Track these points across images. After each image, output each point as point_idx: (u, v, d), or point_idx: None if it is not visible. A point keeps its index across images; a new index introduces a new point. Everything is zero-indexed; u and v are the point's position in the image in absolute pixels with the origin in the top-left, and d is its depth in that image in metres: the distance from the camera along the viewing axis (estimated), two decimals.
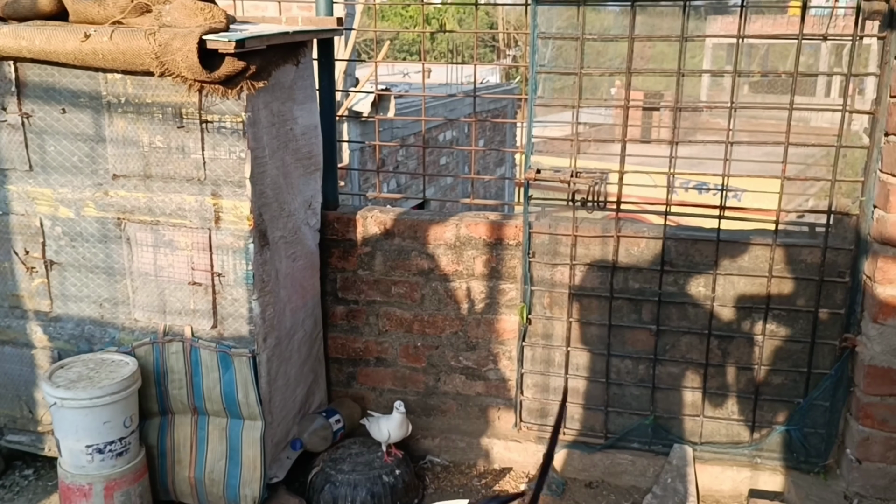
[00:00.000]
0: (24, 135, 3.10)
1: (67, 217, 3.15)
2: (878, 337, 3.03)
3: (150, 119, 2.94)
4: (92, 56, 2.83)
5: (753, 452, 3.44)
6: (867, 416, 3.12)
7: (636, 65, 3.28)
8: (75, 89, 2.99)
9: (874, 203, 3.02)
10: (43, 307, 3.29)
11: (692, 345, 3.42)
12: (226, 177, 2.94)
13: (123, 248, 3.13)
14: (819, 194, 3.52)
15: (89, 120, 3.01)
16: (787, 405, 3.38)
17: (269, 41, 2.88)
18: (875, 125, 3.02)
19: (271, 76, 3.00)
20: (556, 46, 4.43)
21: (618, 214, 3.40)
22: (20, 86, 3.05)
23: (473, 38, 4.07)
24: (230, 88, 2.83)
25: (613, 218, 3.40)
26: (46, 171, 3.12)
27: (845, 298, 3.20)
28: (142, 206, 3.06)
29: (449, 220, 3.60)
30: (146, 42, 2.74)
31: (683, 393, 3.49)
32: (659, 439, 3.54)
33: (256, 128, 2.94)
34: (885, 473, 3.15)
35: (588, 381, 3.59)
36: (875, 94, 3.03)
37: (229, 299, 3.06)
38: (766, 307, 3.29)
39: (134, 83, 2.92)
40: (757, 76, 11.09)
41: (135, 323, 3.19)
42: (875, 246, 3.01)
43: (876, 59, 3.08)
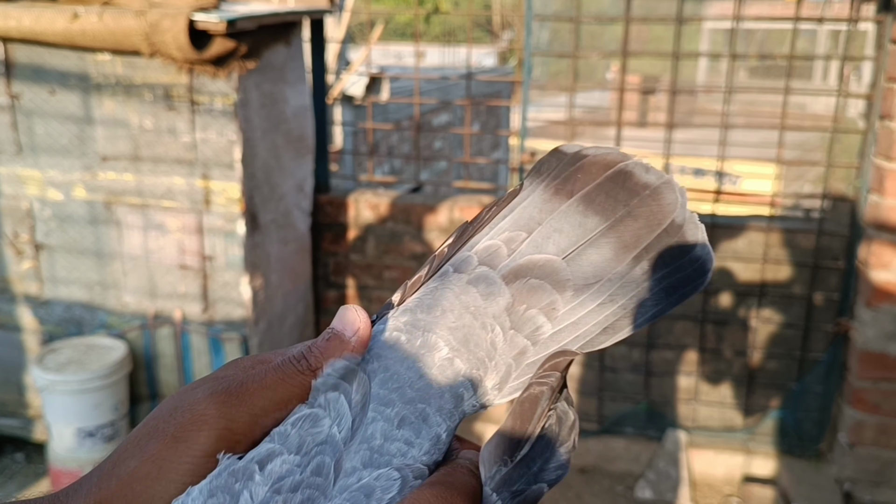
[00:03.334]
0: (12, 116, 3.07)
1: (56, 199, 3.12)
2: (871, 322, 3.02)
3: (139, 100, 2.91)
4: (81, 36, 2.79)
5: (747, 437, 3.44)
6: (860, 401, 3.12)
7: (632, 48, 3.26)
8: (64, 70, 2.95)
9: (869, 187, 3.00)
10: (32, 290, 3.27)
11: (686, 330, 3.41)
12: (216, 159, 2.91)
13: (113, 230, 3.10)
14: (816, 179, 3.50)
15: (78, 101, 2.98)
16: (781, 390, 3.38)
17: (259, 21, 2.85)
18: (871, 109, 3.00)
19: (262, 57, 2.96)
20: (552, 29, 4.39)
21: None
22: (9, 66, 3.01)
23: (468, 20, 4.03)
24: (220, 69, 2.80)
25: None
26: (35, 152, 3.09)
27: (839, 283, 3.19)
28: (131, 188, 3.03)
29: (442, 204, 3.58)
30: (135, 22, 2.71)
31: (677, 378, 3.49)
32: (653, 425, 3.54)
33: (247, 109, 2.91)
34: (877, 458, 3.15)
35: (582, 366, 3.58)
36: (871, 78, 3.01)
37: (220, 283, 3.04)
38: (761, 292, 3.28)
39: (123, 64, 2.89)
40: (754, 60, 11.07)
41: (125, 306, 3.17)
42: (870, 230, 2.99)
43: (872, 43, 3.06)
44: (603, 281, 0.47)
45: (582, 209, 0.48)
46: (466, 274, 0.48)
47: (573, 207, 0.48)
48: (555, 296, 0.47)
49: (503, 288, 0.47)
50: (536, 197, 0.49)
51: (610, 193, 0.48)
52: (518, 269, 0.47)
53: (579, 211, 0.48)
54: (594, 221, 0.48)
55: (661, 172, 0.49)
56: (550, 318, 0.47)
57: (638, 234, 0.47)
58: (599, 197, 0.48)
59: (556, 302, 0.47)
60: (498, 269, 0.48)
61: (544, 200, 0.49)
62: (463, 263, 0.49)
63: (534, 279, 0.47)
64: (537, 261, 0.47)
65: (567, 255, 0.47)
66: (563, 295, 0.47)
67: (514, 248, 0.48)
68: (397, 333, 0.47)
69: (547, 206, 0.49)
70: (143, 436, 0.45)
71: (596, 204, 0.48)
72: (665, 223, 0.47)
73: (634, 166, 0.48)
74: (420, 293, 0.49)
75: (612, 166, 0.49)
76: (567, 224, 0.48)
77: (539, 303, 0.47)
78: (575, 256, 0.47)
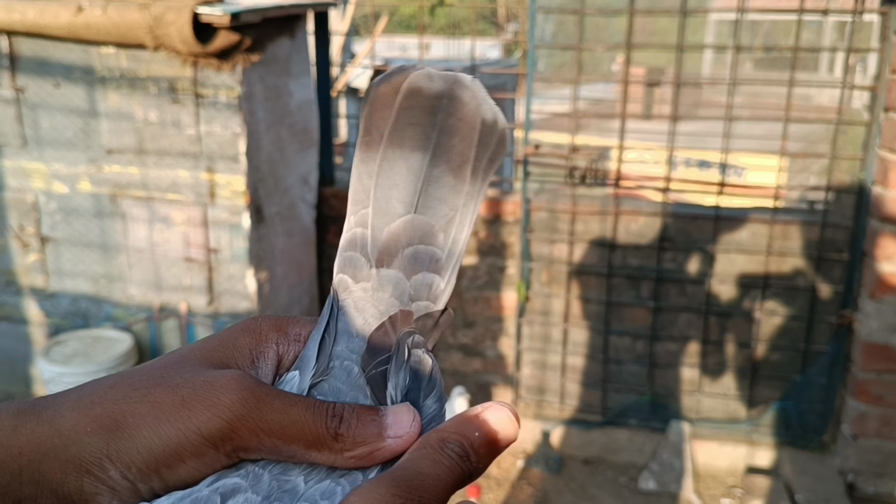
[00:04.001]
0: (17, 109, 3.08)
1: (62, 192, 3.14)
2: (875, 313, 3.02)
3: (144, 93, 2.92)
4: (85, 29, 2.80)
5: (750, 429, 3.44)
6: (863, 393, 3.12)
7: (637, 40, 3.25)
8: (69, 63, 2.96)
9: (873, 179, 3.00)
10: (38, 283, 3.28)
11: (690, 322, 3.42)
12: (221, 152, 2.92)
13: (118, 223, 3.11)
14: (820, 171, 3.51)
15: (83, 94, 2.99)
16: (784, 382, 3.38)
17: (263, 14, 2.85)
18: (875, 101, 3.00)
19: (266, 50, 2.97)
20: (557, 21, 4.39)
21: (617, 191, 3.38)
22: (13, 60, 3.02)
23: (472, 12, 4.03)
24: (225, 62, 2.80)
25: (613, 195, 3.38)
26: (40, 145, 3.10)
27: (843, 275, 3.19)
28: (136, 181, 3.04)
29: None
30: (139, 15, 2.71)
31: (681, 370, 3.49)
32: (656, 416, 3.54)
33: (251, 102, 2.92)
34: (880, 449, 3.16)
35: (586, 358, 3.58)
36: (876, 70, 3.00)
37: (225, 275, 3.05)
38: (764, 284, 3.28)
39: (128, 57, 2.90)
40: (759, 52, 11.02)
41: (130, 299, 3.19)
42: (874, 222, 2.99)
43: (877, 34, 3.05)
44: (459, 208, 0.47)
45: (399, 152, 0.47)
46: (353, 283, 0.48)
47: (390, 154, 0.47)
48: (430, 248, 0.47)
49: (384, 273, 0.47)
50: (357, 161, 0.48)
51: (413, 121, 0.47)
52: (385, 248, 0.47)
53: (398, 155, 0.47)
54: (417, 158, 0.47)
55: (444, 74, 0.47)
56: (437, 271, 0.47)
57: (462, 150, 0.47)
58: (406, 130, 0.47)
59: (434, 253, 0.47)
60: (369, 258, 0.47)
61: (362, 162, 0.48)
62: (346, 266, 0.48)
63: (407, 249, 0.46)
64: (396, 230, 0.47)
65: (416, 205, 0.47)
66: (436, 244, 0.47)
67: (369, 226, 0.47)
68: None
69: (367, 166, 0.48)
70: (154, 378, 0.45)
71: (408, 139, 0.47)
72: (478, 125, 0.47)
73: (418, 80, 0.47)
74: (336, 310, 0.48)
75: (398, 91, 0.47)
76: (395, 175, 0.47)
77: (422, 266, 0.47)
78: (423, 202, 0.47)
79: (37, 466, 0.43)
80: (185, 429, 0.42)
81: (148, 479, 0.43)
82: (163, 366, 0.46)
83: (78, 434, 0.44)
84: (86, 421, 0.44)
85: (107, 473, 0.43)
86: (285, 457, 0.43)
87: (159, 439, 0.42)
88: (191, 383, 0.44)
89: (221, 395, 0.43)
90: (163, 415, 0.43)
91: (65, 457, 0.43)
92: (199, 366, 0.46)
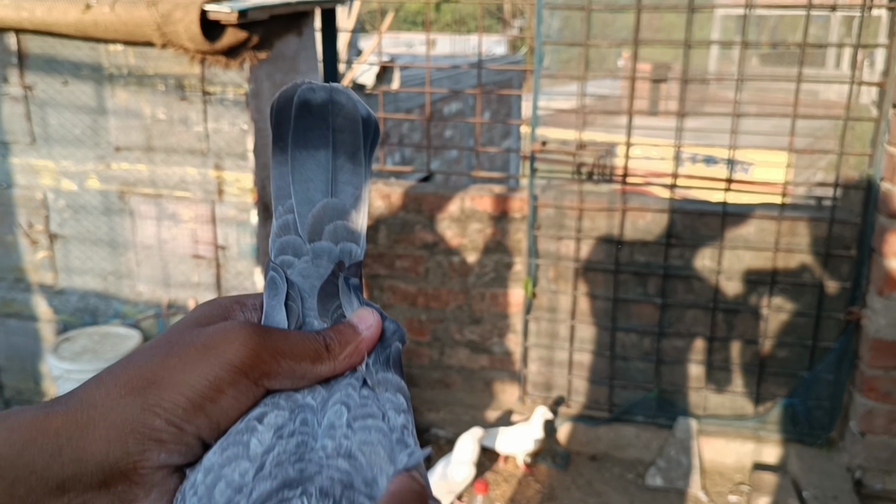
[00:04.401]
0: (26, 107, 3.09)
1: (70, 190, 3.15)
2: (883, 310, 3.02)
3: (152, 91, 2.93)
4: (93, 27, 2.80)
5: (757, 425, 3.44)
6: (871, 389, 3.12)
7: (644, 36, 3.25)
8: (77, 61, 2.97)
9: (881, 175, 2.99)
10: (47, 280, 3.30)
11: (697, 318, 3.41)
12: (228, 149, 2.93)
13: (126, 220, 3.12)
14: (828, 167, 3.50)
15: (91, 92, 3.00)
16: (792, 379, 3.38)
17: (271, 11, 2.85)
18: (883, 97, 2.99)
19: (274, 47, 2.97)
20: (563, 17, 4.38)
21: (624, 188, 3.38)
22: (22, 57, 3.03)
23: (479, 8, 4.03)
24: (232, 59, 2.81)
25: (620, 191, 3.38)
26: (49, 143, 3.11)
27: (851, 272, 3.18)
28: (144, 178, 3.05)
29: (454, 193, 3.58)
30: (147, 12, 2.72)
31: (688, 366, 3.49)
32: (663, 413, 3.54)
33: (259, 99, 2.92)
34: (888, 446, 3.15)
35: (593, 354, 3.59)
36: (884, 66, 2.99)
37: (233, 272, 3.06)
38: (772, 280, 3.28)
39: (136, 54, 2.90)
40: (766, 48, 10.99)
41: (139, 296, 3.20)
42: (882, 219, 2.98)
43: (885, 29, 3.04)
44: (361, 186, 0.58)
45: (306, 152, 0.57)
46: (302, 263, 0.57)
47: (299, 154, 0.57)
48: (345, 223, 0.57)
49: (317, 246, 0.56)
50: (274, 163, 0.57)
51: (309, 126, 0.57)
52: (312, 228, 0.56)
53: (305, 154, 0.57)
54: (322, 154, 0.57)
55: (323, 86, 0.57)
56: (355, 240, 0.57)
57: (353, 141, 0.57)
58: (307, 134, 0.57)
59: (348, 227, 0.57)
60: (302, 237, 0.56)
61: (279, 163, 0.57)
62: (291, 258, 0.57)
63: (329, 225, 0.56)
64: (318, 213, 0.56)
65: (330, 191, 0.57)
66: (349, 219, 0.57)
67: (295, 213, 0.57)
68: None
69: (283, 167, 0.57)
70: (166, 343, 0.48)
71: (310, 140, 0.57)
72: (359, 120, 0.57)
73: (305, 94, 0.57)
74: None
75: (291, 104, 0.57)
76: (308, 170, 0.57)
77: (342, 238, 0.57)
78: (335, 188, 0.57)
79: (76, 443, 0.44)
80: (218, 364, 0.47)
81: (195, 416, 0.46)
82: (164, 339, 0.49)
83: (113, 401, 0.45)
84: (117, 389, 0.46)
85: (152, 425, 0.45)
86: (298, 377, 0.50)
87: (197, 378, 0.46)
88: (205, 334, 0.48)
89: (238, 334, 0.48)
90: (192, 360, 0.47)
91: (105, 425, 0.45)
92: (194, 326, 0.50)
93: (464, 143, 8.82)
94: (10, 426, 0.44)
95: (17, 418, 0.44)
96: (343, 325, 0.53)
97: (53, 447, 0.44)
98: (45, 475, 0.43)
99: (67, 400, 0.46)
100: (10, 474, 0.42)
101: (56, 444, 0.44)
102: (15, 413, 0.45)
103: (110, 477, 0.45)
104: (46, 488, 0.43)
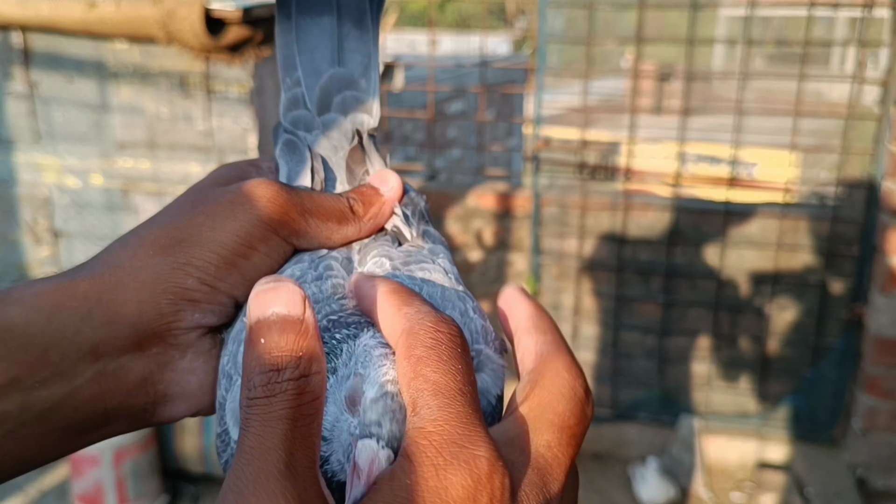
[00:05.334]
0: (30, 104, 3.10)
1: (74, 186, 3.16)
2: (886, 308, 3.02)
3: (155, 88, 2.94)
4: (98, 24, 2.81)
5: (760, 423, 3.44)
6: (874, 387, 3.12)
7: (647, 35, 3.25)
8: (81, 58, 2.98)
9: (884, 174, 2.99)
10: None
11: (700, 316, 3.42)
12: (232, 146, 2.93)
13: (130, 217, 3.13)
14: (832, 167, 3.50)
15: (95, 89, 3.01)
16: (795, 376, 3.38)
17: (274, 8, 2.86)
18: (886, 95, 2.99)
19: None
20: (567, 16, 4.38)
21: (627, 186, 3.38)
22: (27, 55, 3.04)
23: (482, 7, 4.03)
24: (236, 56, 2.82)
25: (623, 190, 3.38)
26: (53, 140, 3.12)
27: (853, 270, 3.18)
28: (148, 175, 3.06)
29: (457, 192, 3.59)
30: (152, 10, 2.73)
31: (691, 364, 3.49)
32: (666, 411, 3.55)
33: (263, 96, 2.93)
34: (890, 444, 3.15)
35: (596, 352, 3.59)
36: (887, 64, 2.99)
37: None
38: (775, 279, 3.28)
39: (140, 51, 2.91)
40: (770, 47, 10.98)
41: None
42: (884, 217, 2.98)
43: (888, 29, 3.04)
44: (370, 53, 0.55)
45: (310, 18, 0.55)
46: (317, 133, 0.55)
47: (303, 22, 0.54)
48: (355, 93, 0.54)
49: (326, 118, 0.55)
50: (278, 31, 0.55)
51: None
52: (320, 100, 0.54)
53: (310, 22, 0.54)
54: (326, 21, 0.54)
55: None
56: (366, 110, 0.55)
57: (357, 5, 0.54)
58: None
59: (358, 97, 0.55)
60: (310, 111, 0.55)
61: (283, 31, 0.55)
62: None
63: (337, 97, 0.54)
64: (325, 84, 0.54)
65: (338, 60, 0.55)
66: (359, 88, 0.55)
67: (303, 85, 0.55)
68: None
69: (287, 35, 0.55)
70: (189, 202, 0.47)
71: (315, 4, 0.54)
72: None
73: None
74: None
75: None
76: (313, 39, 0.54)
77: (353, 109, 0.54)
78: (342, 56, 0.55)
79: (107, 305, 0.43)
80: (248, 220, 0.45)
81: (227, 274, 0.45)
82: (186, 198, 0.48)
83: (143, 261, 0.44)
84: (144, 249, 0.44)
85: (184, 284, 0.44)
86: (325, 237, 0.49)
87: (228, 234, 0.45)
88: (230, 192, 0.47)
89: (265, 190, 0.46)
90: (221, 217, 0.45)
91: (135, 286, 0.43)
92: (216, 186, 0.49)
93: (467, 142, 8.82)
94: (35, 292, 0.42)
95: (42, 285, 0.43)
96: (365, 186, 0.51)
97: (83, 310, 0.42)
98: (76, 339, 0.42)
99: (92, 264, 0.45)
100: (40, 340, 0.41)
101: (85, 307, 0.42)
102: (40, 280, 0.43)
103: (144, 339, 0.43)
104: (80, 353, 0.42)
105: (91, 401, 0.42)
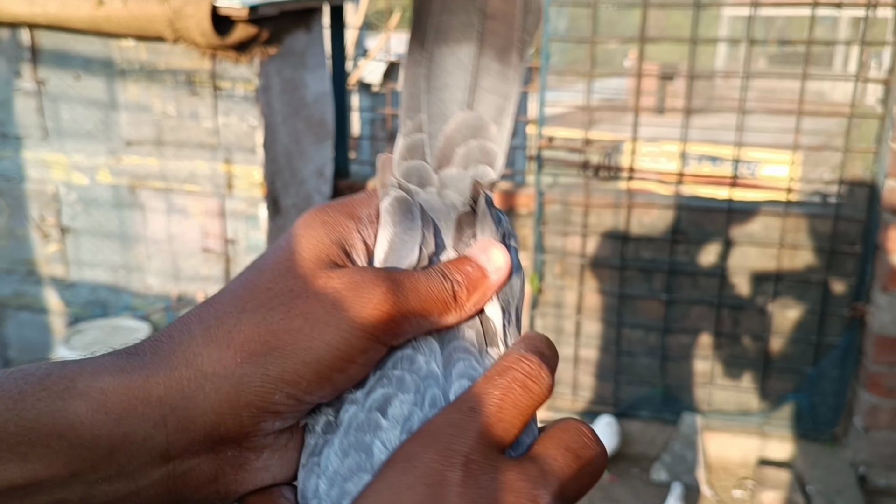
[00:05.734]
0: (38, 101, 3.12)
1: (82, 183, 3.18)
2: (887, 306, 3.03)
3: (162, 86, 2.96)
4: (105, 22, 2.84)
5: (762, 421, 3.46)
6: (875, 385, 3.13)
7: (650, 35, 3.27)
8: (89, 56, 3.00)
9: (886, 172, 3.01)
10: (58, 273, 3.33)
11: (703, 314, 3.43)
12: (238, 143, 2.95)
13: (137, 214, 3.15)
14: (835, 166, 3.52)
15: (103, 86, 3.03)
16: (796, 374, 3.39)
17: (281, 7, 2.88)
18: (889, 94, 3.00)
19: (283, 43, 3.00)
20: (570, 16, 4.40)
21: (629, 186, 3.40)
22: (35, 52, 3.07)
23: None
24: (242, 55, 2.84)
25: (625, 188, 3.40)
26: (61, 137, 3.15)
27: (856, 268, 3.20)
28: (155, 172, 3.08)
29: None
30: (159, 8, 2.75)
31: (693, 362, 3.51)
32: (668, 408, 3.56)
33: (268, 94, 2.95)
34: (892, 442, 3.17)
35: (599, 350, 3.60)
36: (890, 64, 3.01)
37: (242, 266, 3.08)
38: (777, 277, 3.29)
39: (147, 49, 2.93)
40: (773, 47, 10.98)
41: (149, 289, 3.23)
42: (886, 215, 3.00)
43: (891, 28, 3.06)
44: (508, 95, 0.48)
45: (446, 47, 0.46)
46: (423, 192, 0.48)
47: (437, 52, 0.47)
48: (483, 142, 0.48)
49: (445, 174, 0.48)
50: (408, 61, 0.47)
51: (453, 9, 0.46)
52: (443, 152, 0.48)
53: (445, 51, 0.46)
54: (465, 51, 0.46)
55: None
56: (490, 162, 0.48)
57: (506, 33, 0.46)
58: (450, 21, 0.46)
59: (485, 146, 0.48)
60: (429, 163, 0.48)
61: (414, 63, 0.47)
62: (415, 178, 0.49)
63: (461, 147, 0.47)
64: (450, 132, 0.47)
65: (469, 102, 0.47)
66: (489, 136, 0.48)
67: (426, 131, 0.48)
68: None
69: (417, 68, 0.47)
70: (283, 293, 0.43)
71: (451, 31, 0.46)
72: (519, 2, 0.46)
73: None
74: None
75: None
76: (446, 75, 0.47)
77: (476, 160, 0.48)
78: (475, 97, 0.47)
79: (183, 413, 0.40)
80: (349, 331, 0.41)
81: (319, 389, 0.42)
82: (282, 283, 0.43)
83: (228, 369, 0.41)
84: (231, 353, 0.41)
85: (271, 399, 0.41)
86: (425, 330, 0.44)
87: (327, 346, 0.41)
88: (332, 288, 0.42)
89: (372, 294, 0.42)
90: (320, 324, 0.41)
91: (218, 397, 0.40)
92: (316, 269, 0.44)
93: None
94: (103, 389, 0.39)
95: (110, 380, 0.39)
96: (471, 264, 0.46)
97: (157, 417, 0.40)
98: (146, 444, 0.39)
99: (169, 357, 0.41)
100: (107, 443, 0.38)
101: (160, 413, 0.40)
102: (106, 369, 0.40)
103: (219, 444, 0.41)
104: (149, 457, 0.40)
105: (156, 497, 0.41)
